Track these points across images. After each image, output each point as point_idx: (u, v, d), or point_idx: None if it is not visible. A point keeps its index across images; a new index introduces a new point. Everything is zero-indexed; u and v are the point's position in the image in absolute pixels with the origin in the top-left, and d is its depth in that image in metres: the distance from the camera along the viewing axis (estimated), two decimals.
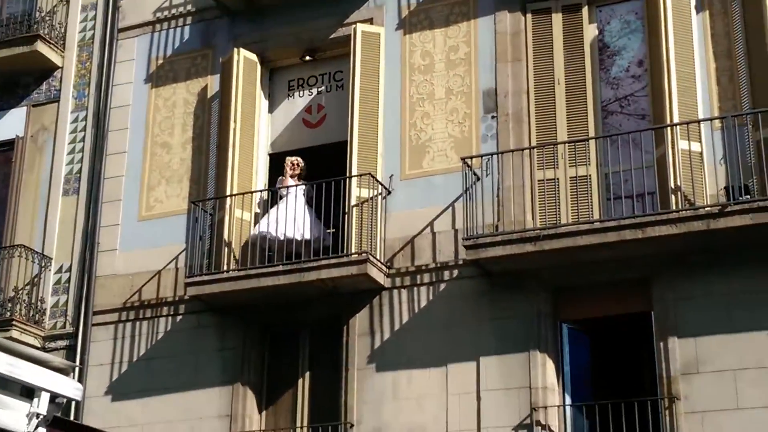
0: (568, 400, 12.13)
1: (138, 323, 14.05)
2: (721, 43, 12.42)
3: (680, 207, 11.68)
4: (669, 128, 11.99)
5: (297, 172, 13.76)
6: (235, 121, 14.16)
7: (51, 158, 15.29)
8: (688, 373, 11.46)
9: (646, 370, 12.16)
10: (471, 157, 12.75)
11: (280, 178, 13.89)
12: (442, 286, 12.76)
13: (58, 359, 12.61)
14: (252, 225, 13.67)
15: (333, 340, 13.16)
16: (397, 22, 14.11)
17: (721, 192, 11.83)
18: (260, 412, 13.39)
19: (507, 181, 12.76)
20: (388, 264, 13.05)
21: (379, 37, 14.00)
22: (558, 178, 12.50)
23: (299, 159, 13.87)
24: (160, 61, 15.32)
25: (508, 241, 12.07)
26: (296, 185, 13.61)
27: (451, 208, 12.98)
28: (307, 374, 13.36)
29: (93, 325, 14.18)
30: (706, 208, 11.52)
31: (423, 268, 12.92)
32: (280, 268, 13.03)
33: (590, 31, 13.26)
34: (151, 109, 15.11)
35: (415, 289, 12.86)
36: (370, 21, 14.18)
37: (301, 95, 14.70)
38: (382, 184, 13.31)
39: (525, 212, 12.59)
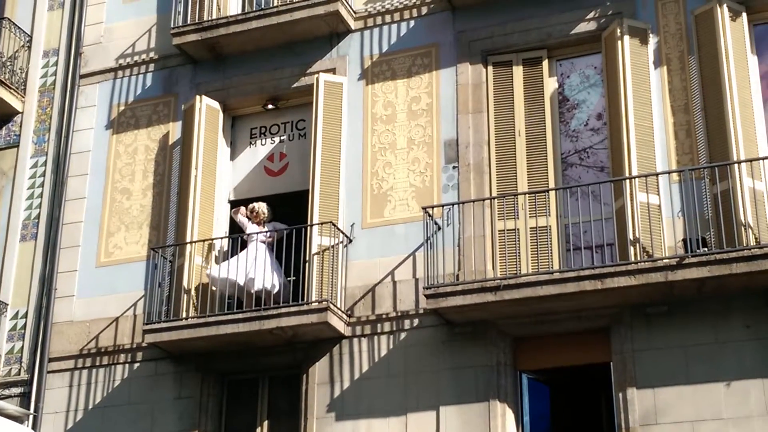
0: None
1: (94, 370, 13.89)
2: (679, 98, 12.64)
3: (639, 258, 11.79)
4: (628, 181, 12.14)
5: (258, 219, 13.73)
6: (196, 168, 14.14)
7: (9, 203, 15.16)
8: (647, 424, 11.50)
9: (605, 421, 12.23)
10: (432, 207, 12.83)
11: (235, 210, 13.80)
12: (403, 335, 12.76)
13: (12, 407, 12.45)
14: (212, 270, 13.59)
15: (292, 388, 13.09)
16: (359, 72, 14.23)
17: (679, 244, 11.97)
18: None
19: (468, 231, 12.83)
20: (349, 312, 13.04)
21: (342, 87, 14.10)
22: (518, 229, 12.59)
23: (260, 205, 13.80)
24: (122, 108, 15.31)
25: (468, 291, 12.11)
26: (258, 232, 13.57)
27: (412, 257, 13.02)
28: (266, 423, 13.25)
29: (48, 372, 13.98)
30: (665, 260, 11.64)
31: (383, 316, 12.91)
32: (240, 315, 12.97)
33: (550, 84, 13.45)
34: (111, 155, 15.06)
35: (376, 337, 12.85)
36: (333, 71, 14.29)
37: (263, 143, 14.73)
38: (343, 233, 13.33)
39: (485, 262, 12.66)
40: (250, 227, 13.67)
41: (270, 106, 14.67)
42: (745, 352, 11.40)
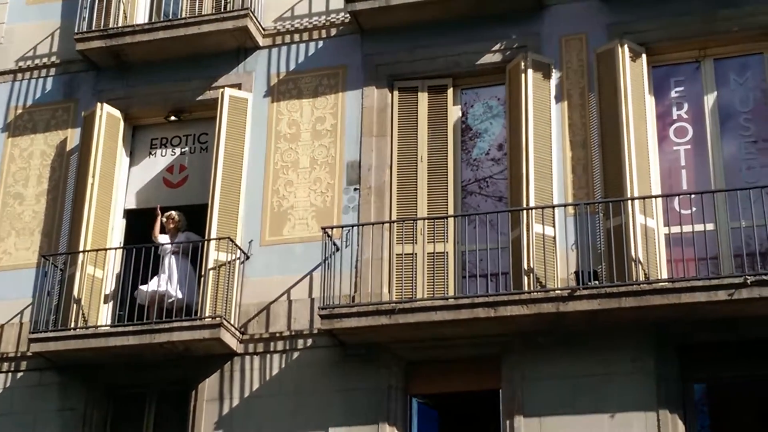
0: None
1: None
2: (578, 134, 12.92)
3: (532, 288, 11.98)
4: (525, 211, 12.34)
5: (172, 225, 13.55)
6: (93, 176, 13.91)
7: None
8: None
9: None
10: (332, 227, 12.84)
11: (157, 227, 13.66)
12: (296, 354, 12.71)
13: None
14: (106, 282, 13.36)
15: (181, 404, 12.90)
16: (265, 89, 14.20)
17: (572, 276, 12.19)
18: None
19: (366, 254, 12.88)
20: (242, 330, 12.94)
21: (247, 103, 14.05)
22: (416, 253, 12.68)
23: (176, 213, 13.61)
24: (20, 111, 14.98)
25: (363, 313, 12.14)
26: (164, 243, 13.38)
27: (309, 276, 13.00)
28: None
29: None
30: (557, 291, 11.85)
31: (277, 335, 12.85)
32: (130, 328, 12.76)
33: (454, 113, 13.62)
34: (5, 158, 14.72)
35: (268, 356, 12.77)
36: (239, 86, 14.23)
37: (163, 154, 14.57)
38: (241, 249, 13.24)
39: (382, 285, 12.71)
40: (161, 237, 13.45)
41: (173, 118, 14.52)
42: (630, 385, 11.64)
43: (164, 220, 13.61)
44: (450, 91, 13.63)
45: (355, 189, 13.36)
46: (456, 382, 12.33)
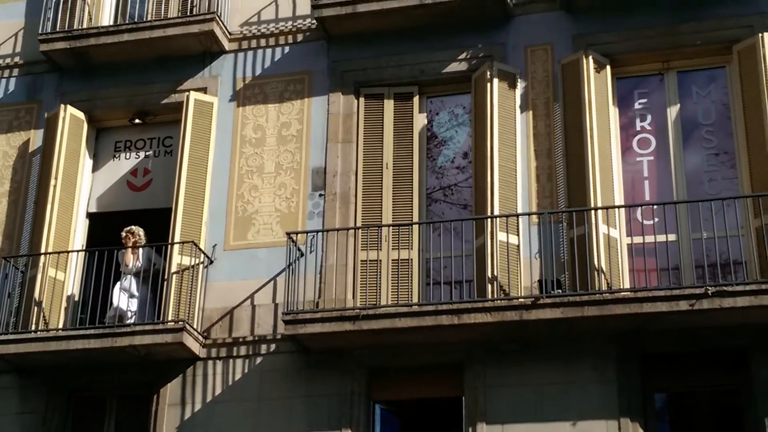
0: None
1: None
2: (543, 143, 13.01)
3: (495, 296, 12.04)
4: (489, 220, 12.40)
5: (133, 240, 13.34)
6: (56, 178, 13.80)
7: None
8: None
9: None
10: (296, 233, 12.83)
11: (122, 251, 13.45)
12: (259, 359, 12.68)
13: None
14: (68, 285, 13.25)
15: (142, 408, 12.82)
16: (231, 93, 14.17)
17: (535, 285, 12.27)
18: None
19: (330, 259, 12.88)
20: (205, 334, 12.88)
21: (212, 107, 14.01)
22: (380, 260, 12.71)
23: (137, 229, 13.44)
24: None
25: (327, 319, 12.14)
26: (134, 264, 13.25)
27: (273, 282, 12.98)
28: None
29: None
30: (520, 299, 11.92)
31: (240, 340, 12.81)
32: (92, 331, 12.67)
33: (419, 120, 13.67)
34: None
35: (231, 361, 12.73)
36: (204, 90, 14.19)
37: (127, 157, 14.49)
38: (204, 253, 13.19)
39: (346, 291, 12.72)
40: (129, 255, 13.27)
41: (137, 121, 14.44)
42: (592, 393, 11.73)
43: (124, 235, 13.39)
44: (416, 98, 13.68)
45: (321, 195, 13.36)
46: (419, 389, 12.35)
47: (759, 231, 11.77)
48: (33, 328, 12.95)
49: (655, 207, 12.31)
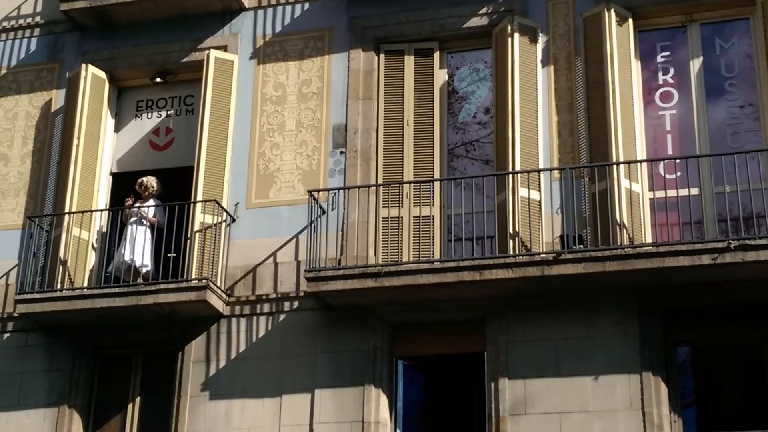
0: None
1: None
2: (564, 98, 12.93)
3: (517, 252, 12.04)
4: (510, 175, 12.37)
5: (147, 193, 13.50)
6: (78, 138, 13.86)
7: None
8: (516, 414, 11.77)
9: (476, 409, 12.47)
10: (318, 191, 12.85)
11: (127, 200, 13.58)
12: (282, 316, 12.76)
13: None
14: (93, 246, 13.34)
15: (167, 365, 12.96)
16: (251, 51, 14.14)
17: (557, 240, 12.26)
18: None
19: (352, 217, 12.90)
20: (228, 292, 12.98)
21: (233, 65, 13.99)
22: (402, 217, 12.72)
23: (149, 179, 13.59)
24: (3, 71, 14.88)
25: (349, 276, 12.18)
26: (139, 208, 13.33)
27: (295, 239, 13.03)
28: (138, 399, 13.10)
29: None
30: (542, 255, 11.91)
31: (263, 297, 12.89)
32: (116, 290, 12.79)
33: (440, 76, 13.60)
34: None
35: (254, 318, 12.82)
36: (225, 48, 14.17)
37: (149, 117, 14.52)
38: (227, 212, 13.25)
39: (368, 248, 12.75)
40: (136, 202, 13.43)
41: (158, 80, 14.45)
42: (613, 347, 11.75)
43: (137, 188, 13.49)
44: (436, 54, 13.60)
45: (342, 152, 13.36)
46: (441, 345, 12.41)
47: None
48: (58, 287, 13.08)
49: (677, 161, 12.25)
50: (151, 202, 13.47)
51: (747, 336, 11.79)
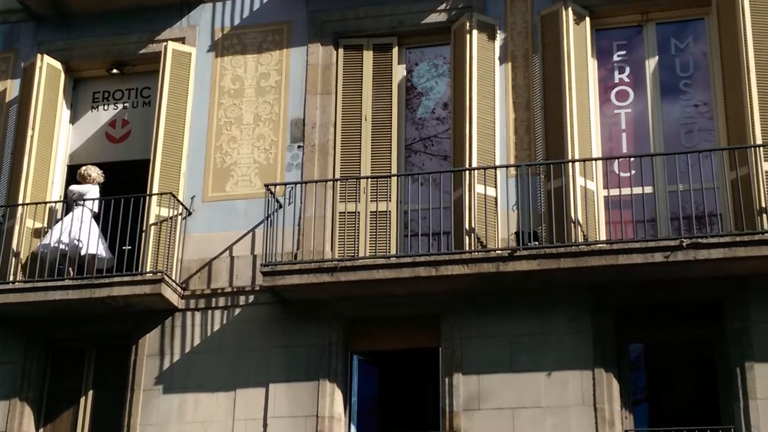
0: (353, 431, 12.29)
1: None
2: (521, 95, 12.99)
3: (473, 248, 12.09)
4: (467, 172, 12.42)
5: (86, 182, 13.38)
6: (33, 129, 13.73)
7: None
8: (470, 409, 11.82)
9: (430, 405, 12.51)
10: (275, 185, 12.83)
11: (71, 187, 13.49)
12: (237, 310, 12.73)
13: None
14: (41, 236, 13.25)
15: (120, 359, 12.88)
16: (209, 43, 14.08)
17: (512, 237, 12.33)
18: (38, 429, 12.94)
19: (309, 211, 12.90)
20: (184, 285, 12.92)
21: (190, 57, 13.92)
22: (359, 212, 12.73)
23: (86, 168, 13.48)
24: None
25: (305, 270, 12.17)
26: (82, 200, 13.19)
27: (251, 233, 13.00)
28: (91, 392, 13.02)
29: None
30: (497, 251, 11.97)
31: (219, 291, 12.85)
32: (70, 282, 12.69)
33: (399, 71, 13.62)
34: None
35: (209, 312, 12.78)
36: (182, 40, 14.10)
37: (105, 108, 14.41)
38: (183, 205, 13.19)
39: (324, 243, 12.75)
40: (80, 188, 13.31)
41: (115, 71, 14.35)
42: (566, 344, 11.83)
43: (79, 178, 13.40)
44: (395, 49, 13.62)
45: (299, 146, 13.34)
46: (397, 340, 12.45)
47: (734, 183, 11.83)
48: (11, 279, 12.95)
49: (632, 159, 12.36)
50: (89, 189, 13.28)
51: (698, 333, 11.92)
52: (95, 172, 13.45)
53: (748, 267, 11.38)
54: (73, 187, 13.40)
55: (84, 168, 13.54)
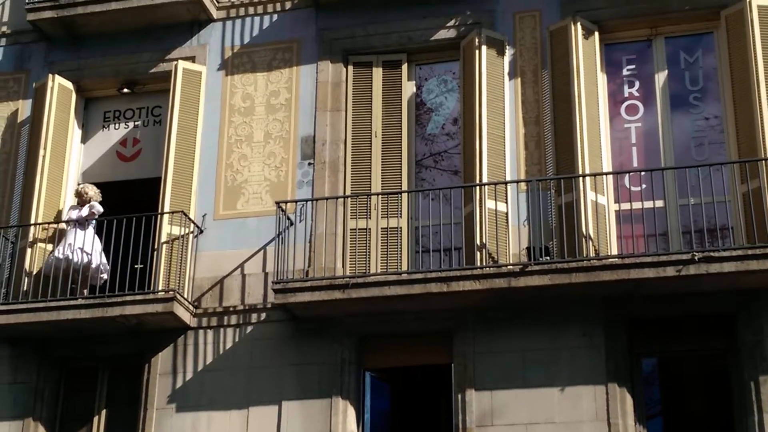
0: None
1: None
2: (531, 110, 13.01)
3: (484, 264, 12.08)
4: (478, 187, 12.42)
5: (82, 200, 13.38)
6: (45, 149, 13.80)
7: None
8: (483, 425, 11.79)
9: (443, 421, 12.49)
10: (285, 202, 12.86)
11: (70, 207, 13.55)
12: (249, 328, 12.74)
13: None
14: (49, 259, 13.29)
15: (133, 377, 12.89)
16: (219, 62, 14.14)
17: (523, 252, 12.32)
18: None
19: (320, 228, 12.91)
20: (196, 303, 12.94)
21: (201, 76, 13.98)
22: (370, 228, 12.74)
23: (83, 186, 13.49)
24: None
25: (317, 287, 12.18)
26: (78, 217, 13.20)
27: (262, 251, 13.02)
28: (104, 412, 13.03)
29: None
30: (508, 267, 11.96)
31: (231, 309, 12.87)
32: (82, 301, 12.72)
33: (408, 88, 13.65)
34: None
35: (222, 330, 12.79)
36: (193, 59, 14.16)
37: (116, 127, 14.48)
38: (194, 223, 13.22)
39: (336, 260, 12.76)
40: (83, 210, 13.33)
41: (125, 90, 14.42)
42: (579, 359, 11.81)
43: (77, 198, 13.44)
44: (404, 66, 13.66)
45: (310, 163, 13.37)
46: (409, 357, 12.43)
47: (746, 196, 11.82)
48: (23, 298, 12.99)
49: (642, 173, 12.35)
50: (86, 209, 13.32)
51: (711, 347, 11.89)
52: (92, 191, 13.46)
53: (761, 280, 11.36)
54: (71, 213, 13.36)
55: (81, 186, 13.56)
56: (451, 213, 12.53)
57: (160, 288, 12.65)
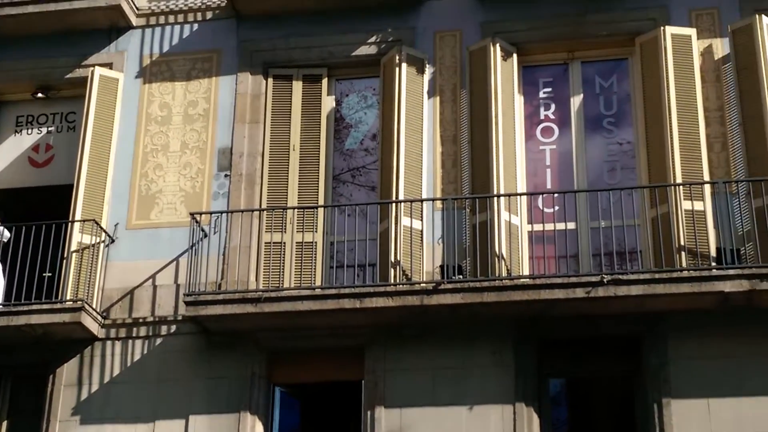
0: None
1: None
2: (449, 129, 13.09)
3: (398, 281, 12.10)
4: (394, 204, 12.45)
5: None
6: None
7: None
8: None
9: None
10: (200, 213, 12.74)
11: None
12: (159, 340, 12.58)
13: None
14: None
15: (37, 388, 12.63)
16: (137, 69, 13.98)
17: (437, 270, 12.37)
18: None
19: (234, 241, 12.81)
20: (104, 314, 12.74)
21: (117, 83, 13.81)
22: (285, 242, 12.68)
23: None
24: None
25: (229, 301, 12.08)
26: None
27: (175, 262, 12.88)
28: (5, 423, 12.73)
29: None
30: (422, 284, 12.00)
31: (140, 320, 12.69)
32: None
33: (328, 102, 13.64)
34: None
35: (130, 341, 12.61)
36: (110, 65, 13.97)
37: (29, 132, 14.21)
38: (106, 232, 13.03)
39: (249, 273, 12.67)
40: None
41: (40, 95, 14.17)
42: (489, 377, 11.88)
43: None
44: (325, 80, 13.65)
45: (226, 175, 13.27)
46: (320, 372, 12.39)
47: (654, 221, 12.02)
48: None
49: (555, 195, 12.49)
50: None
51: (618, 369, 12.05)
52: None
53: (666, 303, 11.56)
54: None
55: None
56: (367, 229, 12.53)
57: (68, 297, 12.43)
